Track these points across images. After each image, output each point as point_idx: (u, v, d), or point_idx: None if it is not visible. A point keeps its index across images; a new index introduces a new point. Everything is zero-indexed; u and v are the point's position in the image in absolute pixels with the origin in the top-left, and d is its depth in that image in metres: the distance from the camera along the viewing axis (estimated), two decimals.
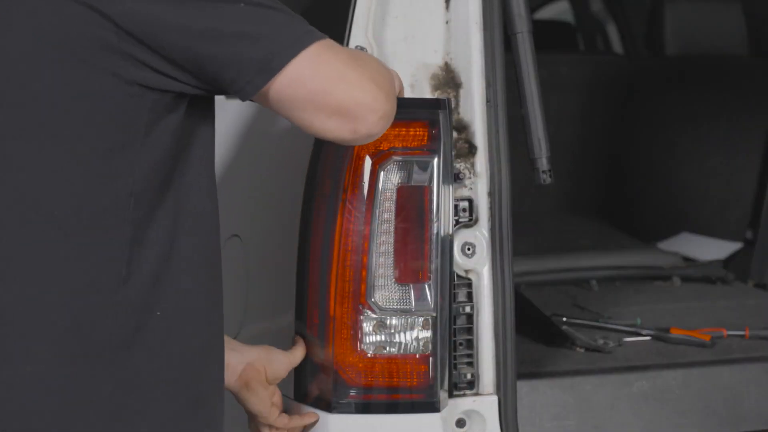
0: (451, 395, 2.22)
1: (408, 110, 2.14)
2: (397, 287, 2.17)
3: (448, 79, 2.35)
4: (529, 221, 4.11)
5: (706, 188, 4.10)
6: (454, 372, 2.21)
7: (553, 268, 3.64)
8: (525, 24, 2.29)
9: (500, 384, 2.31)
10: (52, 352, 1.70)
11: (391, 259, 2.15)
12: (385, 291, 2.16)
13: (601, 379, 2.62)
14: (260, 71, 1.72)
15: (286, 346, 2.29)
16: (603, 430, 2.57)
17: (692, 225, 4.08)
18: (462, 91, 2.34)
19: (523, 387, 2.49)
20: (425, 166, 2.15)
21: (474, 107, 2.33)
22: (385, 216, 2.15)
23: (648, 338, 2.98)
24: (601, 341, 2.89)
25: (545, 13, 6.21)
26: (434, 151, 2.15)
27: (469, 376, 2.25)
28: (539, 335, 2.91)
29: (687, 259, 3.87)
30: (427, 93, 2.34)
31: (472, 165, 2.32)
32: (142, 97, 1.72)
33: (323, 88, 1.75)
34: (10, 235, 1.70)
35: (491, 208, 2.31)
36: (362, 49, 2.31)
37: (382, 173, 2.14)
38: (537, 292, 3.40)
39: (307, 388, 2.23)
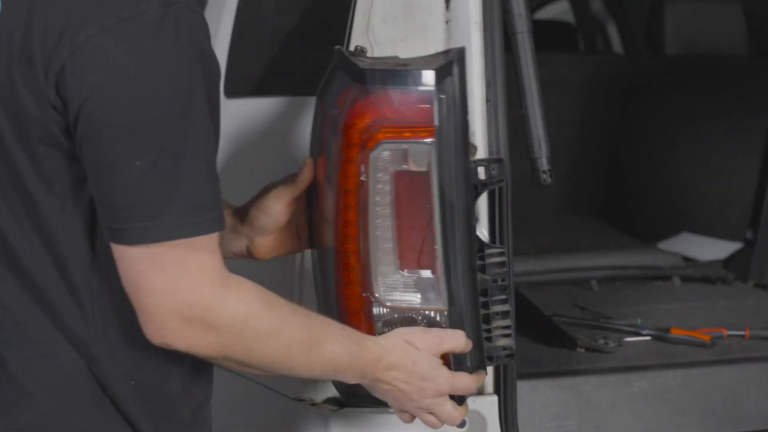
0: (482, 367, 2.07)
1: (405, 81, 1.99)
2: (402, 279, 2.04)
3: None
4: (529, 221, 4.11)
5: (706, 188, 4.10)
6: (489, 345, 2.06)
7: (553, 268, 3.64)
8: (525, 24, 2.29)
9: (500, 384, 2.31)
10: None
11: (394, 252, 2.03)
12: (390, 284, 2.04)
13: (601, 379, 2.62)
14: (109, 230, 1.71)
15: None
16: (603, 430, 2.57)
17: (692, 225, 4.09)
18: None
19: (523, 387, 2.49)
20: (421, 148, 1.97)
21: (474, 107, 2.33)
22: (382, 204, 2.01)
23: (648, 338, 2.98)
24: (601, 341, 2.89)
25: (545, 13, 6.22)
26: (435, 129, 1.97)
27: (506, 349, 2.08)
28: (539, 335, 2.91)
29: (687, 259, 3.88)
30: None
31: None
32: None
33: (130, 289, 1.72)
34: None
35: (491, 208, 2.31)
36: (362, 49, 2.31)
37: (373, 156, 1.99)
38: (537, 292, 3.39)
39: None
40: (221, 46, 3.07)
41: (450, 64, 2.02)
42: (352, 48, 2.31)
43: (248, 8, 3.11)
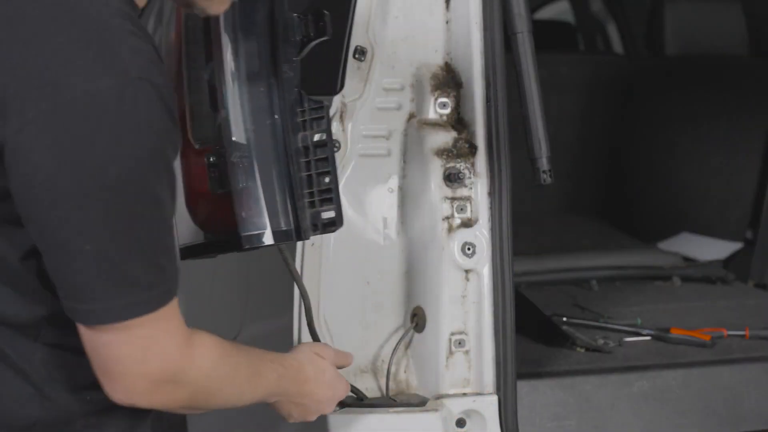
0: (306, 237, 2.03)
1: None
2: (209, 120, 1.98)
3: (449, 79, 2.35)
4: (529, 221, 4.11)
5: (706, 188, 4.10)
6: (312, 211, 2.01)
7: (553, 268, 3.64)
8: (525, 24, 2.29)
9: (500, 384, 2.31)
10: None
11: (203, 90, 1.97)
12: (197, 127, 2.00)
13: (601, 379, 2.62)
14: (68, 308, 1.69)
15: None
16: (603, 430, 2.57)
17: (692, 225, 4.09)
18: (462, 91, 2.35)
19: (523, 387, 2.49)
20: None
21: (474, 107, 2.33)
22: (193, 42, 2.00)
23: (648, 338, 2.98)
24: (601, 341, 2.89)
25: (545, 13, 6.21)
26: None
27: (326, 215, 2.03)
28: (539, 335, 2.91)
29: (687, 259, 3.88)
30: (427, 93, 2.34)
31: (473, 165, 2.32)
32: None
33: (96, 358, 1.72)
34: None
35: (491, 208, 2.31)
36: (362, 49, 2.31)
37: None
38: (537, 292, 3.40)
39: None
40: None
41: None
42: (352, 48, 2.32)
43: None
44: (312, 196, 2.01)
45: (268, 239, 1.97)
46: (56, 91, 1.58)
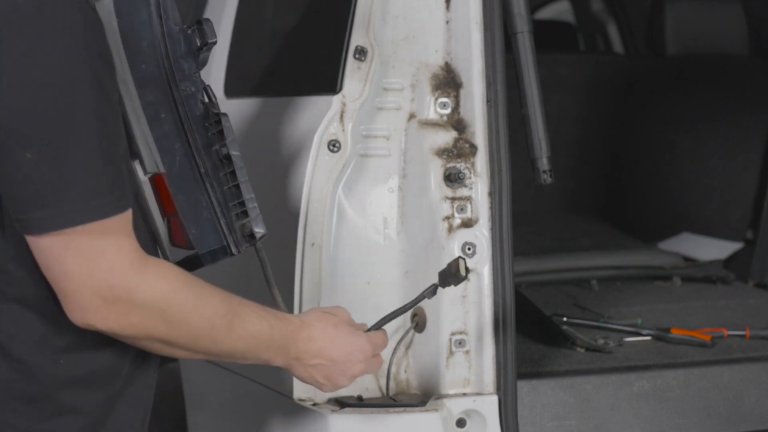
0: (235, 252, 2.00)
1: None
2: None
3: (449, 79, 2.35)
4: (529, 221, 4.11)
5: (707, 188, 4.10)
6: (237, 224, 1.98)
7: (553, 268, 3.64)
8: (525, 24, 2.30)
9: (500, 384, 2.31)
10: None
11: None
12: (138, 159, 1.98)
13: (601, 379, 2.62)
14: (16, 221, 1.72)
15: None
16: (604, 430, 2.57)
17: (692, 225, 4.08)
18: (462, 91, 2.35)
19: (524, 387, 2.49)
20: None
21: (474, 107, 2.33)
22: None
23: (648, 338, 2.98)
24: (601, 341, 2.89)
25: (545, 13, 6.22)
26: None
27: (246, 229, 1.99)
28: (539, 335, 2.91)
29: (687, 259, 3.88)
30: (427, 93, 2.34)
31: (473, 165, 2.32)
32: None
33: (50, 276, 1.74)
34: None
35: (491, 208, 2.31)
36: (362, 49, 2.31)
37: None
38: (537, 292, 3.40)
39: None
40: (221, 46, 3.07)
41: None
42: (352, 48, 2.32)
43: (248, 8, 3.11)
44: (235, 209, 1.98)
45: (198, 263, 1.95)
46: None
